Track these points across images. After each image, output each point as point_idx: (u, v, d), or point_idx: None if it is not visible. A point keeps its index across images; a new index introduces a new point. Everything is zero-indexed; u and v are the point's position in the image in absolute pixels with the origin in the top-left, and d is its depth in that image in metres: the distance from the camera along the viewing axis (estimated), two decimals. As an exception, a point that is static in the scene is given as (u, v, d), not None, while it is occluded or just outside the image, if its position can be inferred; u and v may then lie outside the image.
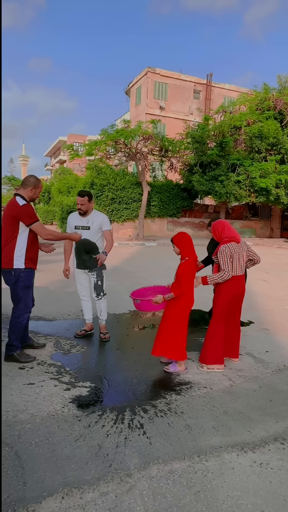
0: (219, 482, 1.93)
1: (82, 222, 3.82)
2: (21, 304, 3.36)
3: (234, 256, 3.16)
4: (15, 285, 3.32)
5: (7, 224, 3.27)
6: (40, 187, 3.42)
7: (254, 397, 2.86)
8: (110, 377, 3.14)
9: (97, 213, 3.91)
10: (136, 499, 1.79)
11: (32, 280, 3.44)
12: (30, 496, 1.79)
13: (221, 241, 3.25)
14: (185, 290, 3.07)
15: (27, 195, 3.35)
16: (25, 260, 3.30)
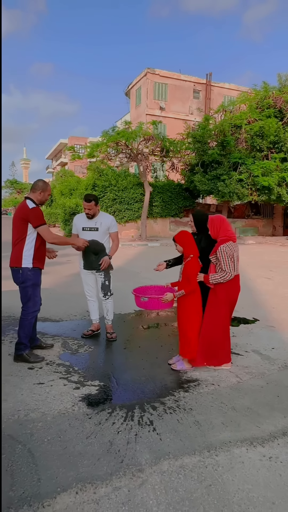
0: (229, 476, 1.96)
1: (90, 223, 3.86)
2: (30, 302, 3.43)
3: (234, 256, 3.10)
4: (24, 283, 3.40)
5: (17, 226, 3.38)
6: (49, 190, 3.52)
7: (262, 393, 2.89)
8: (118, 376, 3.17)
9: (105, 214, 3.96)
10: (148, 493, 1.82)
11: (39, 278, 3.52)
12: (44, 492, 1.83)
13: (218, 240, 3.16)
14: (195, 287, 3.11)
15: (36, 199, 3.45)
16: (33, 260, 3.40)
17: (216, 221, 3.20)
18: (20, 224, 3.39)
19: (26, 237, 3.36)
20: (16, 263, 3.39)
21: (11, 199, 58.66)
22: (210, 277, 3.11)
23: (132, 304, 5.24)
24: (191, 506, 1.75)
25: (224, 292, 3.14)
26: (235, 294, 3.24)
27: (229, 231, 3.18)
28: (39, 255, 3.45)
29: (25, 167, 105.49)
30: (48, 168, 57.23)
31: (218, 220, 3.20)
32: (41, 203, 3.51)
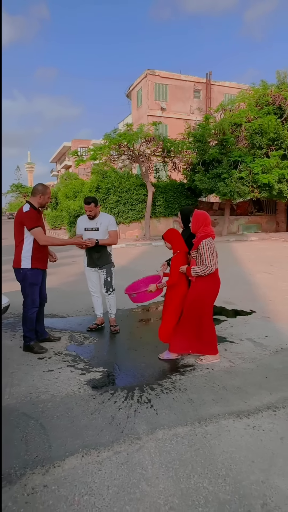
0: (216, 442, 2.23)
1: (91, 224, 4.14)
2: (28, 300, 3.70)
3: (214, 251, 3.27)
4: (23, 282, 3.69)
5: (16, 229, 3.66)
6: (48, 193, 3.76)
7: (252, 375, 3.15)
8: (120, 363, 3.46)
9: (105, 215, 4.23)
10: (144, 456, 2.10)
11: (38, 278, 3.76)
12: (55, 456, 2.12)
13: (198, 235, 3.31)
14: (176, 280, 3.36)
15: (36, 202, 3.71)
16: (32, 261, 3.65)
17: (200, 217, 3.36)
18: (18, 227, 3.66)
19: (24, 239, 3.63)
20: (16, 264, 3.68)
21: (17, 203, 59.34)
22: (191, 270, 3.26)
23: (134, 300, 5.54)
24: (181, 464, 2.03)
25: (204, 285, 3.30)
26: (215, 286, 3.38)
27: (209, 228, 3.36)
28: (39, 256, 3.70)
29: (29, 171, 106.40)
30: (52, 172, 57.82)
31: (202, 217, 3.37)
32: (41, 206, 3.77)
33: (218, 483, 1.89)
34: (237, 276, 7.62)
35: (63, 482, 1.91)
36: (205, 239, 3.24)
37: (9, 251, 12.11)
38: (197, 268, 3.24)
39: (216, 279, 3.37)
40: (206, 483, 1.89)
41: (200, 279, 3.31)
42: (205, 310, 3.34)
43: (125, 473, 1.97)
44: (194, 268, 3.25)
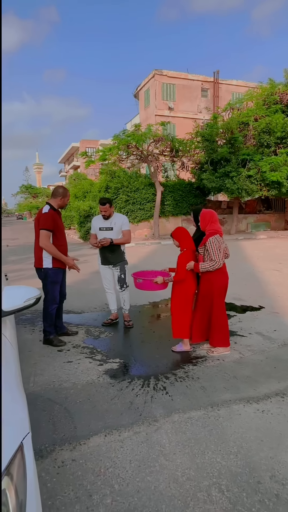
0: (228, 424, 2.41)
1: (105, 224, 4.34)
2: (49, 297, 3.91)
3: (221, 248, 3.43)
4: (44, 280, 3.90)
5: (37, 229, 3.86)
6: (68, 196, 4.00)
7: (261, 366, 3.32)
8: (136, 355, 3.66)
9: (118, 215, 4.43)
10: (162, 435, 2.30)
11: (59, 277, 3.97)
12: (80, 435, 2.32)
13: (206, 232, 3.49)
14: (183, 276, 3.51)
15: (56, 204, 3.93)
16: (53, 261, 3.86)
17: (207, 215, 3.55)
18: (38, 228, 3.86)
19: None
20: (38, 264, 3.90)
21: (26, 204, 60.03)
22: (200, 266, 3.43)
23: (146, 296, 5.73)
24: (196, 443, 2.22)
25: (213, 280, 3.47)
26: (225, 281, 3.56)
27: (217, 225, 3.53)
28: None
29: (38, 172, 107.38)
30: (61, 172, 58.35)
31: (209, 215, 3.55)
32: (60, 207, 4.00)
33: (230, 459, 2.07)
34: (246, 273, 7.76)
35: (89, 457, 2.11)
36: (212, 236, 3.42)
37: (20, 250, 12.42)
38: (205, 264, 3.41)
39: (224, 273, 3.54)
40: (219, 458, 2.08)
41: (208, 274, 3.48)
42: (216, 303, 3.51)
43: (145, 450, 2.17)
44: (202, 264, 3.42)
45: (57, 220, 3.91)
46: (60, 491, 1.87)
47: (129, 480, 1.93)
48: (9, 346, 1.75)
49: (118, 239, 4.31)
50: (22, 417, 1.28)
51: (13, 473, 1.01)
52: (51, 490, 1.87)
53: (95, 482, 1.92)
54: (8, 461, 1.02)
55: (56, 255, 3.82)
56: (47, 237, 3.78)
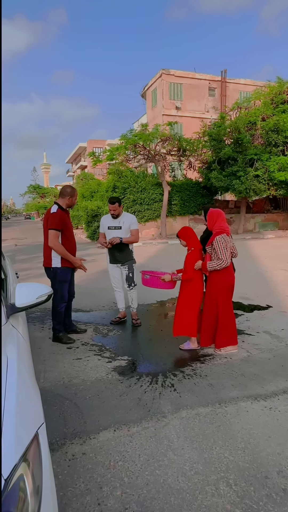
0: (235, 420, 2.44)
1: (114, 223, 4.39)
2: (58, 295, 3.96)
3: (228, 247, 3.44)
4: (53, 279, 3.96)
5: (46, 229, 3.91)
6: (76, 195, 4.05)
7: (268, 364, 3.34)
8: (143, 352, 3.70)
9: (127, 214, 4.47)
10: (170, 431, 2.33)
11: (67, 276, 4.02)
12: (90, 429, 2.37)
13: (213, 231, 3.51)
14: (190, 275, 3.54)
15: (64, 204, 3.99)
16: (62, 260, 3.92)
17: (214, 214, 3.57)
18: (47, 228, 3.91)
19: None
20: (47, 264, 3.96)
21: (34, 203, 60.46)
22: (207, 265, 3.45)
23: (154, 296, 5.77)
24: (204, 438, 2.25)
25: (219, 279, 3.49)
26: (231, 279, 3.57)
27: (224, 224, 3.54)
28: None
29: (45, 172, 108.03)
30: (68, 172, 58.65)
31: (216, 214, 3.58)
32: (69, 207, 4.05)
33: (238, 454, 2.10)
34: (254, 273, 7.75)
35: (99, 451, 2.16)
36: (219, 235, 3.44)
37: (28, 250, 12.55)
38: (213, 263, 3.42)
39: (230, 272, 3.56)
40: (227, 453, 2.11)
41: (215, 273, 3.51)
42: (223, 302, 3.53)
43: (153, 444, 2.20)
44: (210, 263, 3.44)
45: (66, 220, 3.96)
46: (71, 483, 1.91)
47: (138, 473, 1.97)
48: (22, 341, 1.80)
49: (127, 238, 4.35)
50: (36, 408, 1.33)
51: (29, 459, 1.06)
52: (62, 482, 1.92)
53: (105, 475, 1.96)
54: (24, 448, 1.07)
55: (64, 255, 3.86)
56: (56, 237, 3.83)
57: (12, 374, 1.38)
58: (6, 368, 1.41)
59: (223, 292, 3.54)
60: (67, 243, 3.94)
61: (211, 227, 3.61)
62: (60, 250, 3.84)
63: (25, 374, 1.50)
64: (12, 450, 1.03)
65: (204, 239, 3.74)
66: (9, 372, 1.38)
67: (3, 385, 1.28)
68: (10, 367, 1.42)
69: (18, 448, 1.06)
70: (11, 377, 1.36)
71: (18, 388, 1.33)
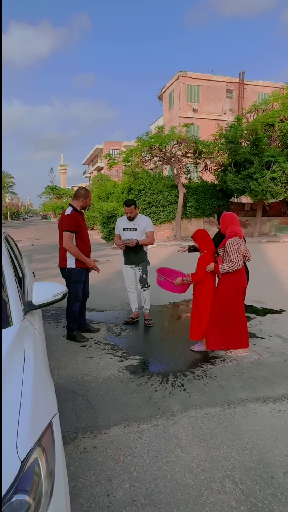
0: (244, 421, 2.47)
1: (130, 225, 4.47)
2: (72, 295, 4.07)
3: (240, 249, 3.46)
4: (68, 280, 4.06)
5: (61, 230, 4.02)
6: (89, 197, 4.15)
7: (279, 367, 3.35)
8: (155, 352, 3.76)
9: (142, 217, 4.55)
10: (179, 429, 2.39)
11: (82, 276, 4.12)
12: (101, 425, 2.45)
13: (226, 234, 3.54)
14: (200, 277, 3.58)
15: (78, 205, 4.09)
16: (76, 261, 4.02)
17: (227, 218, 3.61)
18: (62, 229, 4.02)
19: None
20: (62, 264, 4.08)
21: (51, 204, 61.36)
22: (220, 267, 3.48)
23: (167, 297, 5.82)
24: (211, 438, 2.29)
25: (231, 281, 3.51)
26: (243, 282, 3.59)
27: (237, 228, 3.56)
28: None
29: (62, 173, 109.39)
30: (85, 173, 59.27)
31: (229, 217, 3.61)
32: (83, 208, 4.15)
33: (245, 454, 2.14)
34: (268, 276, 7.70)
35: (110, 445, 2.23)
36: (232, 237, 3.47)
37: (45, 250, 12.78)
38: (225, 265, 3.46)
39: (242, 275, 3.57)
40: (234, 453, 2.15)
41: (227, 276, 3.53)
42: (235, 305, 3.55)
43: (162, 441, 2.26)
44: (222, 265, 3.47)
45: (80, 221, 4.06)
46: (82, 474, 1.99)
47: (147, 468, 2.03)
48: (38, 337, 1.90)
49: (142, 240, 4.43)
50: (51, 399, 1.42)
51: (44, 445, 1.14)
52: (73, 473, 2.00)
53: (114, 468, 2.04)
54: (39, 435, 1.15)
55: (78, 256, 3.96)
56: (70, 238, 3.93)
57: (28, 367, 1.47)
58: (23, 361, 1.50)
59: (235, 295, 3.56)
60: (82, 244, 4.04)
61: (224, 230, 3.64)
62: (74, 252, 3.93)
63: (40, 368, 1.59)
64: (28, 436, 1.12)
65: (216, 242, 3.77)
66: (25, 366, 1.47)
67: (21, 377, 1.37)
68: (27, 361, 1.51)
69: (33, 434, 1.14)
70: (28, 370, 1.45)
71: (34, 381, 1.41)
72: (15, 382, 1.33)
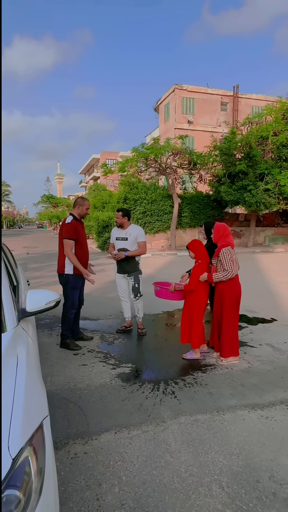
0: (232, 427, 2.53)
1: (121, 234, 4.57)
2: (69, 302, 4.14)
3: (233, 258, 3.59)
4: (65, 286, 4.13)
5: (61, 239, 4.12)
6: (86, 205, 4.24)
7: (268, 375, 3.41)
8: (147, 360, 3.81)
9: (134, 226, 4.64)
10: (169, 435, 2.44)
11: (79, 283, 4.21)
12: (92, 431, 2.49)
13: (219, 244, 3.67)
14: (193, 287, 3.67)
15: (76, 213, 4.21)
16: (74, 267, 4.09)
17: (221, 229, 3.72)
18: (62, 237, 4.13)
19: None
20: (60, 270, 4.16)
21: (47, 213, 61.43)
22: (213, 276, 3.59)
23: (160, 306, 5.89)
24: (200, 443, 2.34)
25: (225, 290, 3.61)
26: (236, 291, 3.67)
27: (229, 238, 3.69)
28: (80, 262, 4.13)
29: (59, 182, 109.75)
30: (81, 183, 59.62)
31: (222, 228, 3.73)
32: (81, 217, 4.25)
33: (232, 459, 2.19)
34: (260, 286, 7.80)
35: (100, 451, 2.28)
36: (225, 247, 3.59)
37: (40, 258, 12.81)
38: (219, 274, 3.56)
39: (236, 284, 3.67)
40: (222, 458, 2.20)
41: (221, 285, 3.63)
42: (227, 313, 3.63)
43: (152, 447, 2.31)
44: (216, 274, 3.58)
45: (79, 230, 4.16)
46: (72, 479, 2.03)
47: (136, 473, 2.07)
48: (31, 343, 1.95)
49: (133, 251, 4.50)
50: (42, 402, 1.47)
51: (34, 445, 1.20)
52: (64, 478, 2.04)
53: (104, 473, 2.08)
54: (30, 435, 1.21)
55: (76, 264, 4.04)
56: (70, 246, 4.04)
57: (21, 372, 1.53)
58: (16, 366, 1.56)
59: (227, 303, 3.64)
60: (80, 252, 4.15)
61: (216, 240, 3.75)
62: (72, 259, 4.03)
63: (32, 372, 1.65)
64: (19, 435, 1.18)
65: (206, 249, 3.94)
66: (18, 370, 1.53)
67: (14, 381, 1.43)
68: (19, 366, 1.57)
69: (24, 434, 1.20)
70: (20, 374, 1.51)
71: (26, 384, 1.47)
72: (8, 386, 1.39)
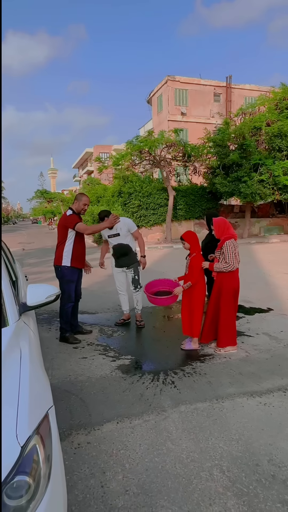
0: (231, 414, 2.59)
1: (112, 231, 4.52)
2: (65, 295, 4.17)
3: (236, 252, 3.63)
4: (61, 279, 4.17)
5: (60, 231, 4.16)
6: (83, 200, 4.25)
7: (266, 363, 3.48)
8: (146, 352, 3.86)
9: (122, 219, 4.55)
10: (169, 423, 2.49)
11: (74, 276, 4.24)
12: (95, 422, 2.54)
13: (222, 238, 3.70)
14: (197, 278, 3.71)
15: (75, 208, 4.24)
16: (71, 260, 4.14)
17: (221, 223, 3.75)
18: (61, 230, 4.18)
19: (66, 241, 4.15)
20: (57, 262, 4.19)
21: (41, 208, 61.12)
22: (214, 266, 3.65)
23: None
24: (200, 430, 2.40)
25: (225, 282, 3.66)
26: (235, 284, 3.72)
27: (231, 230, 3.73)
28: (77, 255, 4.20)
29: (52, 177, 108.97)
30: (75, 177, 59.22)
31: (223, 223, 3.76)
32: (78, 212, 4.26)
33: (232, 444, 2.25)
34: (256, 277, 7.87)
35: (103, 441, 2.32)
36: (228, 240, 3.63)
37: (37, 254, 12.79)
38: (220, 265, 3.63)
39: (235, 277, 3.72)
40: (222, 444, 2.26)
41: (220, 276, 3.69)
42: (225, 305, 3.68)
43: (153, 435, 2.36)
44: (217, 264, 3.64)
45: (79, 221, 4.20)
46: (76, 468, 2.08)
47: (139, 460, 2.13)
48: (33, 336, 1.98)
49: (141, 248, 4.56)
50: (46, 393, 1.51)
51: (41, 433, 1.23)
52: (68, 467, 2.08)
53: (108, 462, 2.13)
54: (37, 424, 1.25)
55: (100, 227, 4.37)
56: (84, 226, 4.15)
57: (25, 364, 1.56)
58: (20, 359, 1.59)
59: (225, 295, 3.70)
60: (79, 246, 4.21)
61: (219, 236, 3.78)
62: (96, 228, 4.46)
63: (36, 365, 1.68)
64: (26, 424, 1.21)
65: (206, 245, 3.94)
66: (22, 363, 1.56)
67: (19, 373, 1.46)
68: (23, 358, 1.60)
69: (31, 424, 1.23)
70: (24, 366, 1.54)
71: (31, 376, 1.50)
72: (13, 378, 1.42)
